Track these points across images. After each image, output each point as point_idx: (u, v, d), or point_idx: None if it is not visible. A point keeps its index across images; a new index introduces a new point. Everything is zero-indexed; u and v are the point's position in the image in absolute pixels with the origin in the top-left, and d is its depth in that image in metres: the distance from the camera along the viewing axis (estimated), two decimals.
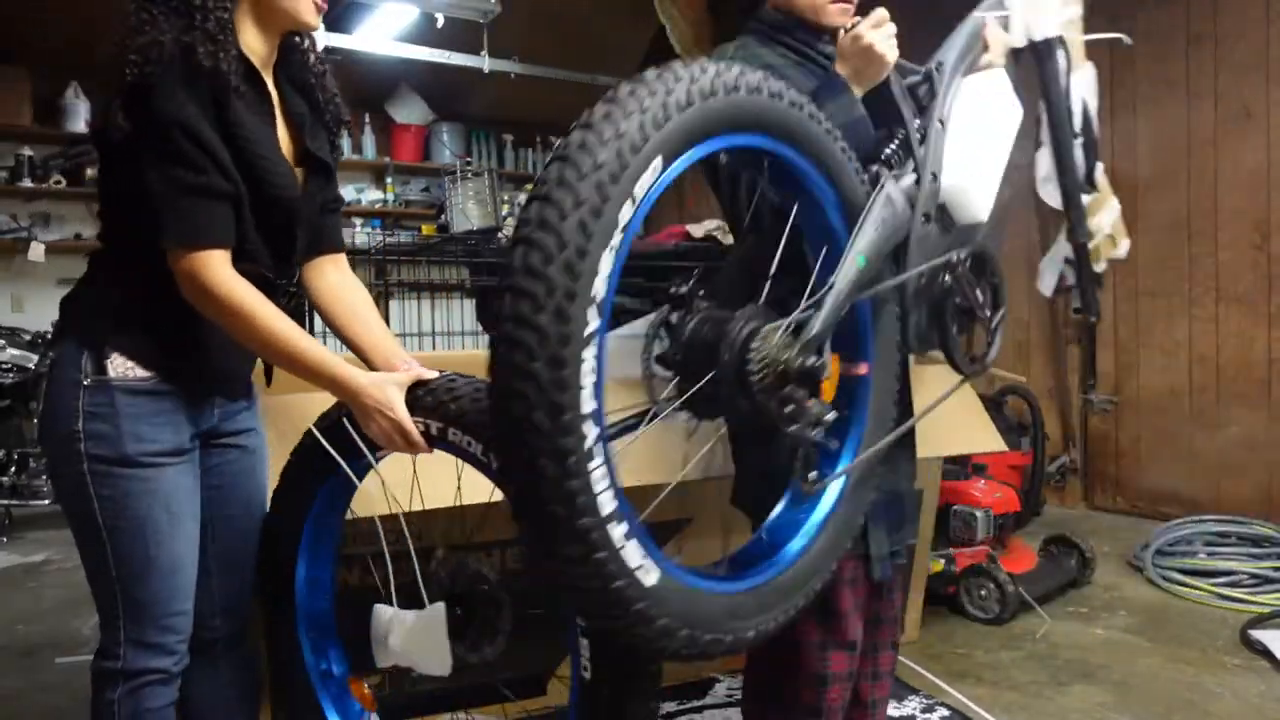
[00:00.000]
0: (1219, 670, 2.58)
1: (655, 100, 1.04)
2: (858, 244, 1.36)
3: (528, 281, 0.96)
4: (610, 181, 0.99)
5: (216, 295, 1.31)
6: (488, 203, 4.71)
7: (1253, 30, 3.93)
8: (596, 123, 1.02)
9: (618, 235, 1.01)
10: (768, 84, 1.21)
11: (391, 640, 1.41)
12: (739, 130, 1.18)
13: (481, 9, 4.76)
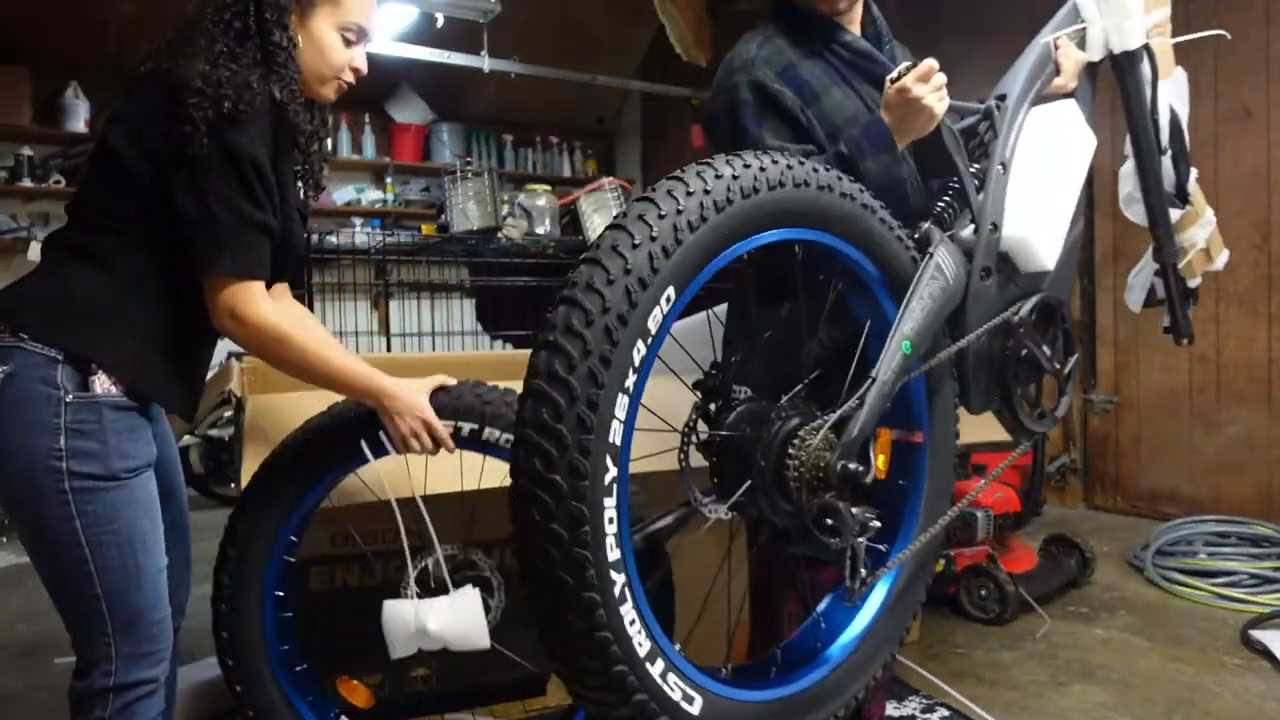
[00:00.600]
0: (1219, 670, 2.58)
1: (665, 225, 1.00)
2: (902, 328, 1.25)
3: (539, 436, 0.94)
4: (619, 324, 0.96)
5: (265, 325, 1.39)
6: (488, 203, 4.71)
7: (1253, 30, 3.92)
8: (603, 255, 0.98)
9: (632, 377, 0.97)
10: (791, 173, 1.14)
11: (431, 625, 1.48)
12: (763, 230, 1.12)
13: (481, 9, 4.76)
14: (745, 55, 1.61)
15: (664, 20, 5.27)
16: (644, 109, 7.45)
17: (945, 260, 1.32)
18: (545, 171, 7.19)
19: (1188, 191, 1.84)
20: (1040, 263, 1.46)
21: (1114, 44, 1.68)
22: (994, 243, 1.43)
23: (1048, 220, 1.46)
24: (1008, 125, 1.51)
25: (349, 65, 1.51)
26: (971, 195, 1.44)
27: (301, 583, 1.84)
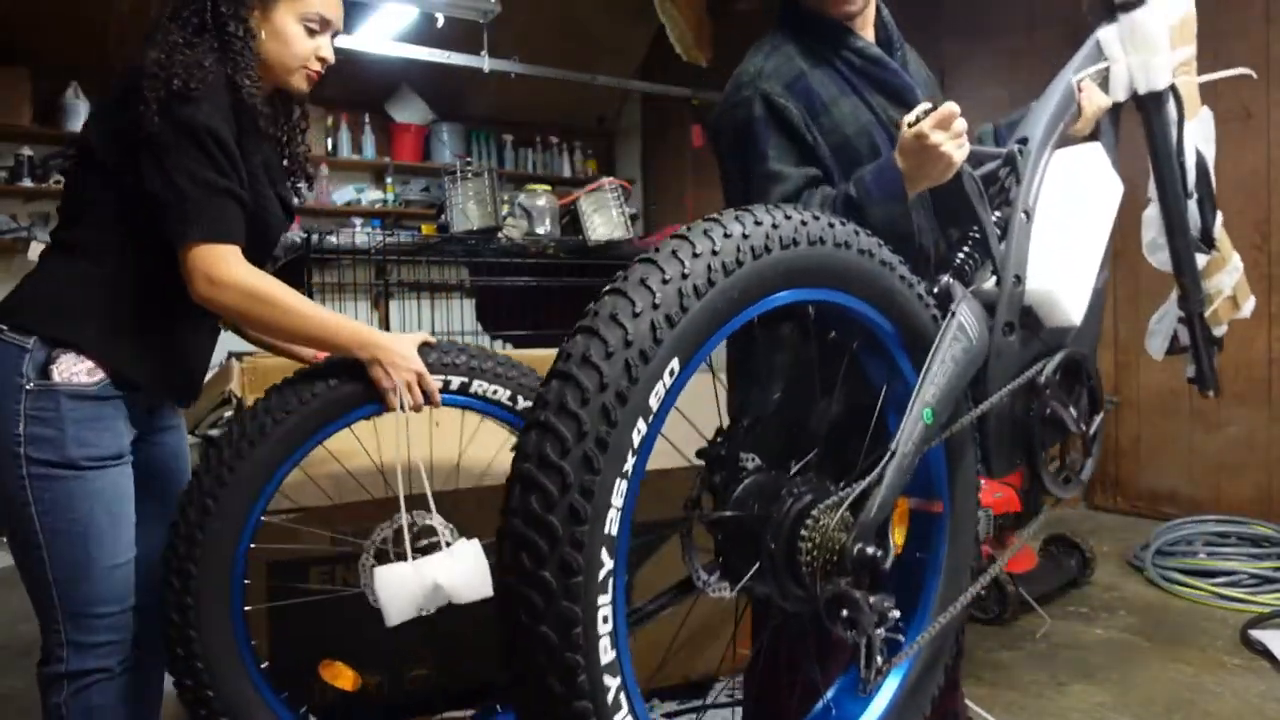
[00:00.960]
0: (1219, 670, 2.58)
1: (669, 290, 0.92)
2: (924, 394, 1.16)
3: (528, 529, 0.85)
4: (618, 403, 0.88)
5: (244, 285, 1.38)
6: (488, 203, 4.71)
7: (1253, 30, 3.93)
8: (602, 324, 0.91)
9: (631, 460, 0.89)
10: (806, 230, 1.06)
11: (441, 578, 1.46)
12: (775, 292, 1.05)
13: (481, 9, 4.76)
14: (753, 68, 1.57)
15: (664, 20, 5.26)
16: (644, 109, 7.45)
17: (968, 319, 1.24)
18: (545, 171, 7.19)
19: (1214, 236, 1.76)
20: (1066, 317, 1.38)
21: (1139, 84, 1.61)
22: (1018, 296, 1.35)
23: (1074, 272, 1.39)
24: (1031, 171, 1.43)
25: (314, 55, 1.54)
26: (993, 246, 1.37)
27: (301, 582, 1.84)
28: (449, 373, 1.58)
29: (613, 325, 0.90)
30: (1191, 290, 1.72)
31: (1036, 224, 1.38)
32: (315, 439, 1.50)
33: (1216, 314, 1.83)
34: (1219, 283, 1.83)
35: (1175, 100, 1.65)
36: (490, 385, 1.61)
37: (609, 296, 0.94)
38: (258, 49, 1.49)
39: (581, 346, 0.90)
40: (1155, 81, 1.60)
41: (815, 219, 1.08)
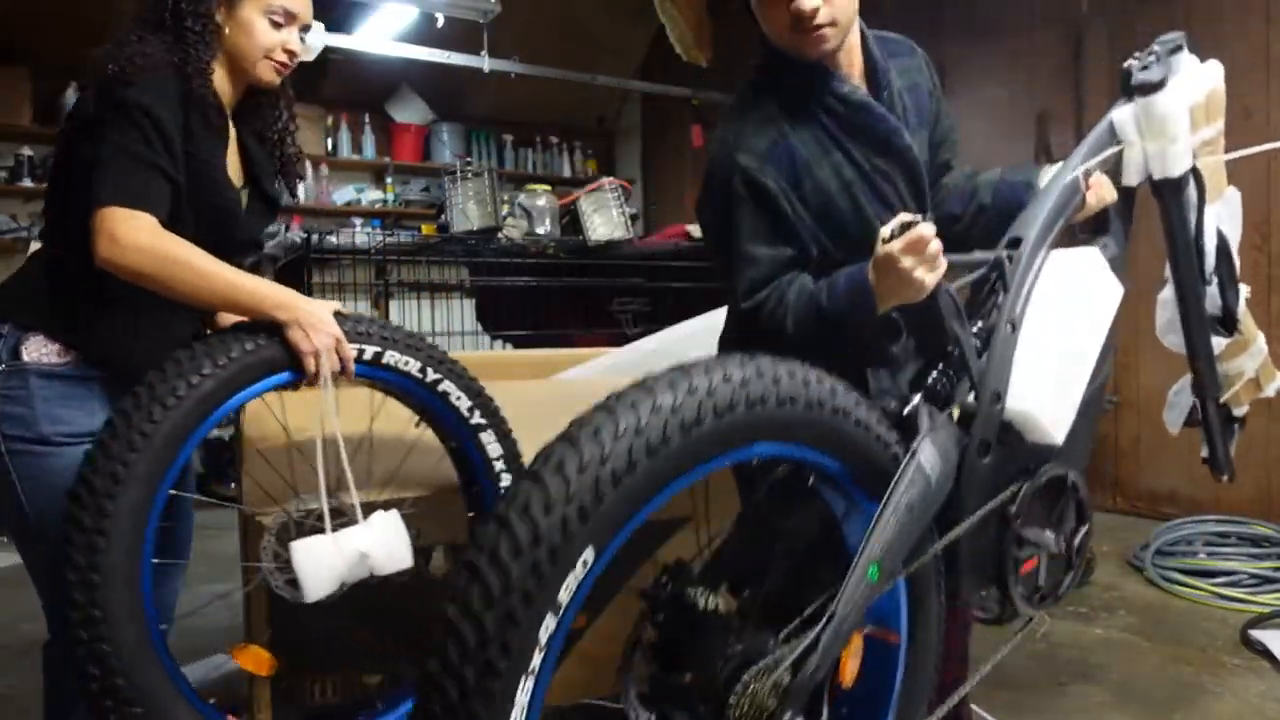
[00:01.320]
0: (1219, 670, 2.58)
1: (585, 479, 0.87)
2: (871, 549, 1.08)
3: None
4: (523, 604, 0.84)
5: (148, 246, 1.35)
6: (488, 203, 4.71)
7: (1253, 30, 3.93)
8: (514, 515, 0.87)
9: (537, 658, 0.86)
10: (746, 390, 0.99)
11: (362, 546, 1.44)
12: (711, 459, 0.98)
13: (481, 9, 4.76)
14: (731, 137, 1.49)
15: (664, 20, 5.24)
16: (644, 109, 7.45)
17: (930, 458, 1.15)
18: (545, 171, 7.19)
19: (1236, 318, 1.68)
20: (1047, 438, 1.30)
21: (1154, 170, 1.51)
22: (996, 415, 1.26)
23: (1060, 391, 1.29)
24: (1020, 279, 1.32)
25: (280, 47, 1.55)
26: (972, 362, 1.26)
27: None
28: (363, 341, 1.52)
29: (524, 519, 0.87)
30: (1206, 375, 1.62)
31: (1023, 336, 1.29)
32: (229, 405, 1.43)
33: (1238, 395, 1.74)
34: (1240, 365, 1.73)
35: (1196, 183, 1.56)
36: (402, 356, 1.56)
37: (524, 481, 0.91)
38: (225, 43, 1.52)
39: (491, 539, 0.87)
40: (1173, 169, 1.50)
41: (760, 375, 1.02)
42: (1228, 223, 1.68)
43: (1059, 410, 1.30)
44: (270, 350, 1.44)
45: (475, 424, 1.65)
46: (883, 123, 1.50)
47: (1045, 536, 1.31)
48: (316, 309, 1.47)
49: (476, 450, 1.66)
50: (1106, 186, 1.53)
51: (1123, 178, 1.54)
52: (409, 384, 1.59)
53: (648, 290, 4.54)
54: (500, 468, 1.67)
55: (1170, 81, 1.50)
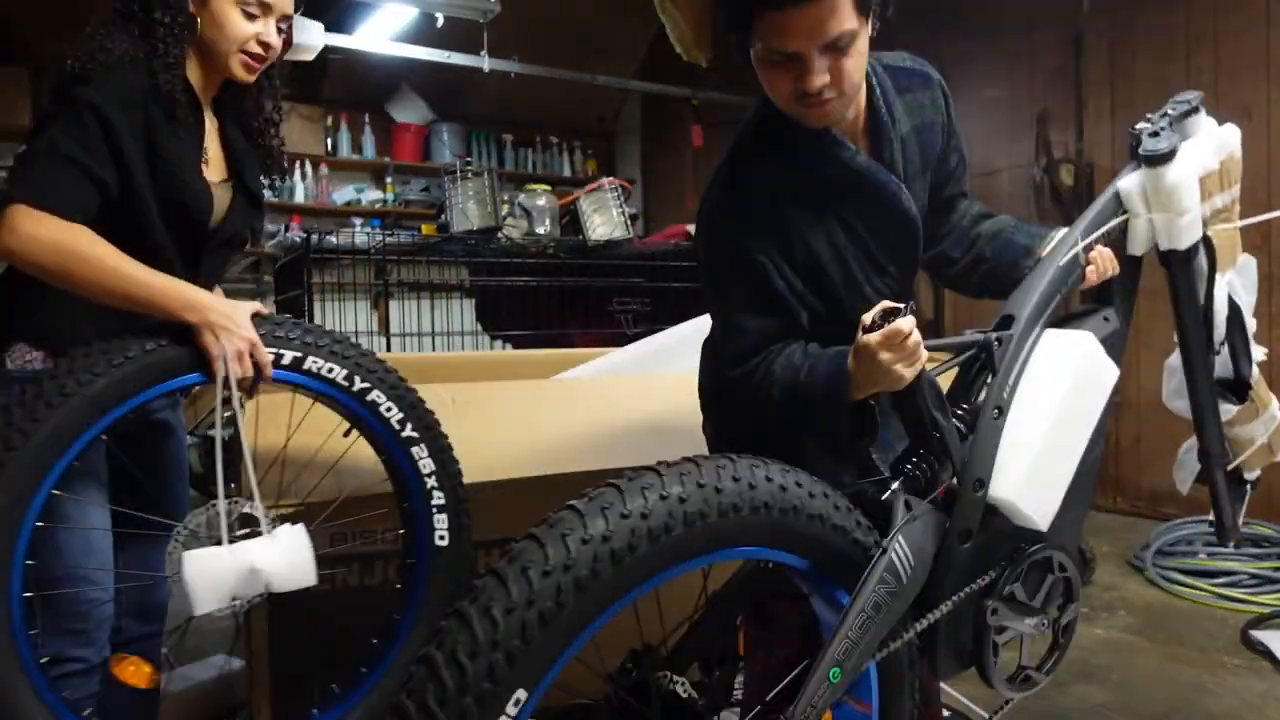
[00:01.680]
0: (1219, 670, 2.58)
1: (512, 621, 0.87)
2: (833, 651, 1.05)
3: None
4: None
5: (49, 238, 1.31)
6: (487, 203, 4.71)
7: (1253, 30, 3.92)
8: (441, 661, 0.87)
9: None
10: (718, 500, 0.99)
11: (258, 562, 1.36)
12: (674, 565, 0.98)
13: (481, 9, 4.76)
14: (722, 208, 1.42)
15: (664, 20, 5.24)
16: (644, 109, 7.45)
17: (901, 554, 1.13)
18: (545, 171, 7.19)
19: (1249, 385, 1.61)
20: (1032, 525, 1.26)
21: (1161, 241, 1.45)
22: (977, 502, 1.23)
23: (1045, 480, 1.25)
24: (1010, 362, 1.28)
25: (254, 39, 1.50)
26: (953, 449, 1.23)
27: None
28: (282, 346, 1.45)
29: (451, 664, 0.87)
30: (1213, 444, 1.58)
31: (1010, 421, 1.25)
32: (124, 407, 1.36)
33: (1249, 460, 1.69)
34: (1252, 431, 1.67)
35: (1206, 251, 1.51)
36: (325, 363, 1.47)
37: (453, 619, 0.90)
38: (200, 36, 1.48)
39: (419, 685, 0.87)
40: (1181, 241, 1.45)
41: (735, 482, 1.01)
42: (1241, 289, 1.62)
43: (1044, 500, 1.26)
44: (172, 351, 1.37)
45: (406, 437, 1.55)
46: (882, 189, 1.43)
47: (1026, 622, 1.28)
48: (229, 311, 1.40)
49: (408, 463, 1.56)
50: (1109, 260, 1.47)
51: (1128, 247, 1.47)
52: (334, 391, 1.50)
53: (648, 290, 4.54)
54: (432, 484, 1.57)
55: (1181, 150, 1.44)
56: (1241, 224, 1.60)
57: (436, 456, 1.57)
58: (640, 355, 2.61)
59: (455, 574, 1.57)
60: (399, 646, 1.56)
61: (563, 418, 2.19)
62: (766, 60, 1.33)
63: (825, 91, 1.30)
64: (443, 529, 1.57)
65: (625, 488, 0.97)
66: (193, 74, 1.51)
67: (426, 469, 1.56)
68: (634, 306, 4.49)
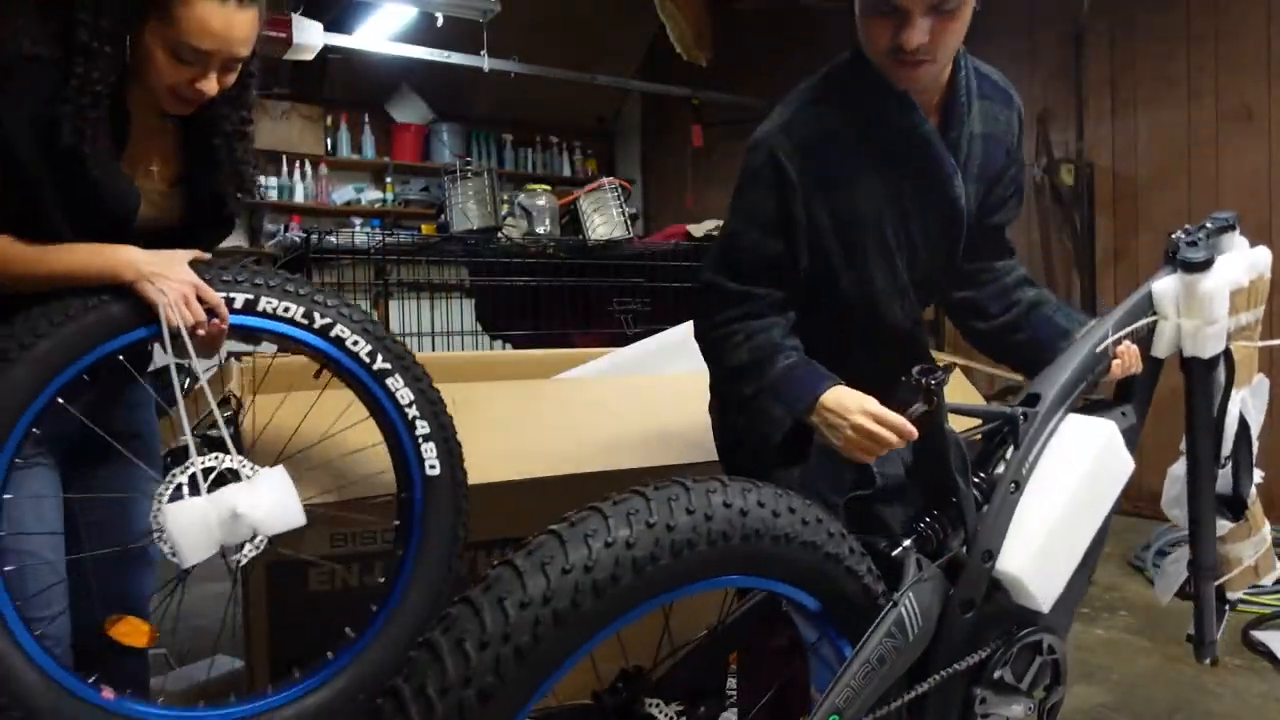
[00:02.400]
0: (1220, 670, 2.57)
1: (488, 659, 0.85)
2: (834, 697, 1.05)
3: None
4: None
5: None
6: (487, 202, 4.71)
7: (1253, 29, 3.92)
8: (407, 692, 0.85)
9: None
10: (731, 526, 0.98)
11: (240, 507, 1.33)
12: (675, 589, 0.97)
13: (481, 8, 4.76)
14: (780, 120, 1.45)
15: (664, 20, 5.26)
16: (644, 109, 7.45)
17: (910, 611, 1.13)
18: (545, 171, 7.19)
19: (1245, 504, 1.63)
20: (1034, 604, 1.26)
21: (1187, 348, 1.47)
22: (984, 574, 1.23)
23: (1054, 562, 1.26)
24: (1031, 440, 1.29)
25: (187, 83, 1.36)
26: (969, 517, 1.23)
27: (301, 582, 1.84)
28: (231, 289, 1.39)
29: (420, 699, 0.85)
30: (1205, 556, 1.59)
31: (1025, 498, 1.26)
32: (76, 366, 1.31)
33: (1233, 581, 1.70)
34: (1240, 551, 1.69)
35: (1226, 365, 1.52)
36: (279, 302, 1.42)
37: (424, 650, 0.88)
38: (131, 62, 1.37)
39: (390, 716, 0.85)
40: (1206, 350, 1.47)
41: (728, 507, 1.00)
42: (1252, 409, 1.63)
43: (1050, 581, 1.27)
44: (114, 306, 1.32)
45: (379, 369, 1.50)
46: (938, 165, 1.45)
47: (1013, 708, 1.28)
48: (163, 259, 1.34)
49: (385, 395, 1.51)
50: (1134, 357, 1.48)
51: (1153, 348, 1.50)
52: (295, 331, 1.45)
53: (648, 290, 4.53)
54: (413, 414, 1.52)
55: (1218, 261, 1.46)
56: (1262, 344, 1.61)
57: (413, 385, 1.53)
58: (640, 355, 2.61)
59: (453, 503, 1.55)
60: (404, 581, 1.52)
61: (563, 418, 2.19)
62: (873, 9, 1.35)
63: (921, 51, 1.32)
64: (432, 458, 1.53)
65: (652, 496, 0.96)
66: (133, 93, 1.40)
67: (405, 399, 1.52)
68: (634, 306, 4.49)
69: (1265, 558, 1.74)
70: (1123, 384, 1.50)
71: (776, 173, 1.41)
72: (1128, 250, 4.42)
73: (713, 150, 6.46)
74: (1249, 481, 1.63)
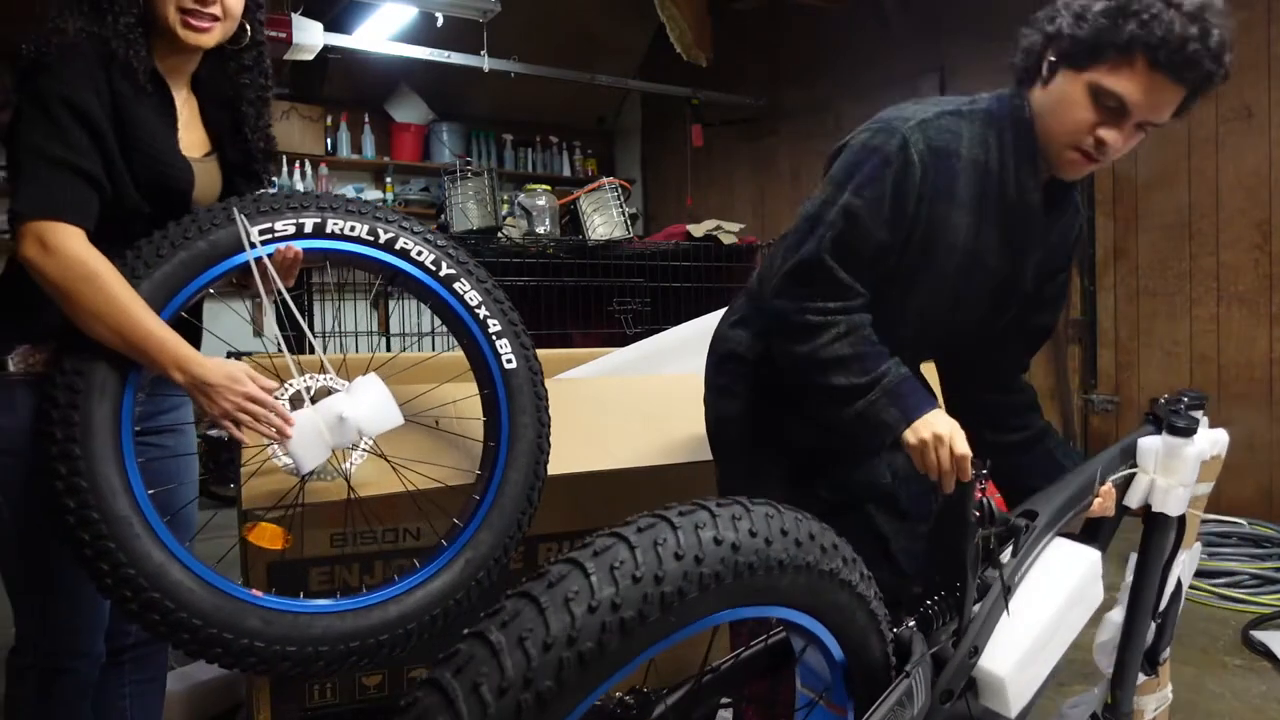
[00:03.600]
0: (1220, 671, 2.57)
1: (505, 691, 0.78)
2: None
3: None
4: None
5: (70, 259, 1.29)
6: (487, 202, 4.70)
7: (1253, 29, 3.92)
8: None
9: None
10: (763, 554, 0.95)
11: (346, 412, 1.43)
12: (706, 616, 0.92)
13: (481, 8, 4.76)
14: (921, 114, 1.45)
15: (664, 20, 5.27)
16: (644, 109, 7.45)
17: (917, 686, 1.17)
18: (545, 171, 7.19)
19: (1159, 660, 1.79)
20: (1006, 709, 1.31)
21: (1155, 503, 1.61)
22: (968, 667, 1.28)
23: (1032, 669, 1.33)
24: (1026, 550, 1.37)
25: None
26: (967, 610, 1.29)
27: (301, 582, 1.84)
28: (299, 215, 1.47)
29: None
30: (1124, 704, 1.71)
31: (1015, 603, 1.35)
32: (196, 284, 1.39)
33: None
34: (1144, 703, 1.82)
35: (1179, 528, 1.67)
36: (345, 221, 1.51)
37: (432, 692, 0.82)
38: (145, 6, 1.41)
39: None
40: (1170, 507, 1.60)
41: (766, 539, 0.97)
42: (1186, 574, 1.79)
43: (1025, 687, 1.32)
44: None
45: (445, 275, 1.59)
46: (1028, 234, 1.50)
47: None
48: (216, 374, 1.35)
49: (455, 299, 1.59)
50: (1111, 499, 1.58)
51: (1126, 498, 1.61)
52: (362, 249, 1.54)
53: (648, 290, 4.53)
54: (484, 314, 1.60)
55: (1199, 431, 1.60)
56: (1205, 516, 1.79)
57: (479, 288, 1.62)
58: (640, 355, 2.61)
59: (533, 391, 1.64)
60: (500, 469, 1.60)
61: (563, 418, 2.19)
62: (1090, 96, 1.37)
63: (1109, 152, 1.38)
64: (508, 353, 1.61)
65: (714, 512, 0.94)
66: (158, 54, 1.45)
67: (474, 300, 1.60)
68: (634, 306, 4.49)
69: (1163, 715, 1.88)
70: (1091, 525, 1.58)
71: (906, 165, 1.41)
72: (1128, 250, 4.42)
73: (713, 150, 6.47)
74: (1169, 640, 1.77)
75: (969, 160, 1.44)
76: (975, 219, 1.46)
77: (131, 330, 1.30)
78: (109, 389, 1.33)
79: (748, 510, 0.97)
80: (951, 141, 1.43)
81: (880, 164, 1.41)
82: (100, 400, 1.32)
